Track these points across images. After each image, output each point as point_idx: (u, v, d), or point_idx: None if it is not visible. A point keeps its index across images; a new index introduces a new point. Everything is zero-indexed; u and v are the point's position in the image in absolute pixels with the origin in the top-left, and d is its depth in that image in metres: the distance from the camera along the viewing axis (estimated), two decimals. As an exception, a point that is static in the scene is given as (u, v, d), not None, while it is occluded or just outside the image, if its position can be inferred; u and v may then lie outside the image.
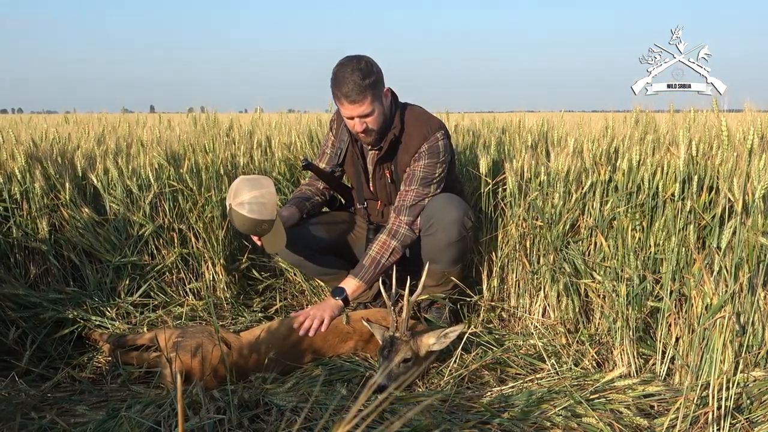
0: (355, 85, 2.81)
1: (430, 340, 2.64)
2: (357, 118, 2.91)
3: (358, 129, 2.94)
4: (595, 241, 3.11)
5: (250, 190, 2.66)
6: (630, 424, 2.15)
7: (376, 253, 2.95)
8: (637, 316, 2.68)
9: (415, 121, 3.08)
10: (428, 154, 3.03)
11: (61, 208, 3.40)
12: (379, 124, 2.97)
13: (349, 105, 2.86)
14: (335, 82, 2.86)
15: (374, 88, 2.86)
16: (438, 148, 3.04)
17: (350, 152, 3.23)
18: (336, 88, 2.86)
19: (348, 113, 2.91)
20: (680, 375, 2.54)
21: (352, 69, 2.82)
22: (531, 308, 3.33)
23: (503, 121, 5.95)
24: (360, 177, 3.26)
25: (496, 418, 2.16)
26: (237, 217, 2.71)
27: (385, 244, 2.97)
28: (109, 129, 5.34)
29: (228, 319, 3.46)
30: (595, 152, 3.30)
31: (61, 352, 2.98)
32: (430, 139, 3.03)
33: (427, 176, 3.03)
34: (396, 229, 3.00)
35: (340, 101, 2.89)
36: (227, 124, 5.61)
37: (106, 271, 3.38)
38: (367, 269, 2.92)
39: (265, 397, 2.32)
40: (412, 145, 3.04)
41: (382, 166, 3.15)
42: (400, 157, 3.09)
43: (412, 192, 3.02)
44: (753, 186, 2.30)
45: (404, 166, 3.09)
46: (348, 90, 2.82)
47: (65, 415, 2.27)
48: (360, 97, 2.83)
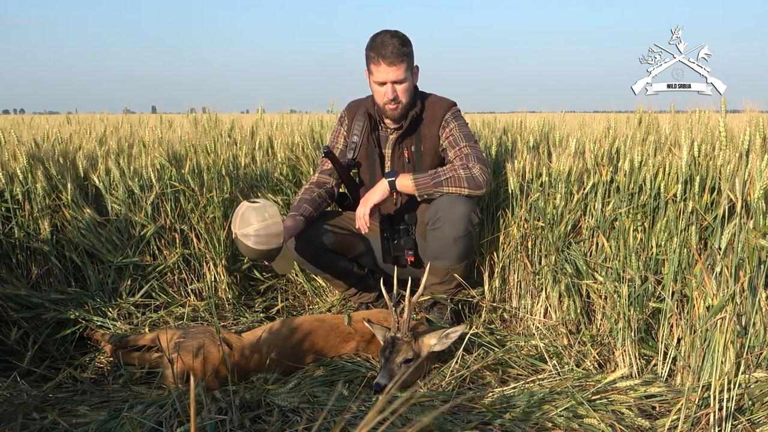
0: (394, 48, 2.93)
1: (431, 340, 2.64)
2: (390, 84, 2.99)
3: (390, 95, 3.01)
4: (596, 241, 3.11)
5: (256, 220, 2.64)
6: (632, 425, 2.15)
7: (441, 170, 2.98)
8: (638, 316, 2.68)
9: (434, 100, 3.22)
10: (454, 117, 3.15)
11: (63, 208, 3.40)
12: (407, 97, 3.07)
13: (387, 66, 2.95)
14: (373, 44, 2.97)
15: (410, 57, 3.00)
16: (459, 114, 3.19)
17: (365, 144, 3.24)
18: (374, 50, 2.96)
19: (383, 76, 2.98)
20: (682, 376, 2.54)
21: (391, 35, 2.95)
22: (532, 309, 3.33)
23: (504, 122, 5.96)
24: (375, 167, 3.26)
25: (497, 419, 2.16)
26: (243, 248, 2.72)
27: (452, 167, 2.99)
28: (110, 129, 5.35)
29: (229, 319, 3.46)
30: (597, 153, 3.31)
31: (63, 353, 2.99)
32: (451, 109, 3.17)
33: (467, 133, 3.13)
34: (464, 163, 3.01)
35: (376, 63, 2.97)
36: (229, 125, 5.62)
37: (107, 272, 3.38)
38: (424, 175, 2.96)
39: (266, 398, 2.32)
40: (436, 116, 3.15)
41: (401, 145, 3.20)
42: (425, 131, 3.17)
43: (464, 147, 3.08)
44: (754, 187, 2.30)
45: (430, 138, 3.17)
46: (387, 52, 2.92)
47: (67, 416, 2.27)
48: (398, 60, 2.94)
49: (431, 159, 3.19)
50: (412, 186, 2.94)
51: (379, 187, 2.99)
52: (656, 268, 2.80)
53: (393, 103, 3.03)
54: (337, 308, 3.66)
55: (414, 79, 3.10)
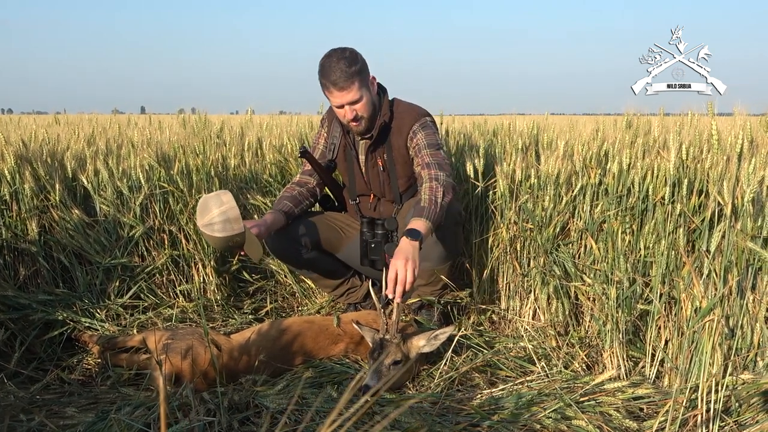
0: (342, 73, 2.89)
1: (420, 342, 2.64)
2: (347, 106, 2.97)
3: (349, 117, 3.00)
4: (585, 244, 3.12)
5: (215, 206, 2.66)
6: (619, 426, 2.16)
7: (429, 195, 2.87)
8: (626, 318, 2.68)
9: (404, 107, 3.18)
10: (421, 128, 3.11)
11: (51, 209, 3.39)
12: (368, 111, 3.03)
13: (338, 92, 2.93)
14: (322, 72, 2.94)
15: (360, 74, 2.94)
16: (429, 125, 3.14)
17: (342, 146, 3.26)
18: (324, 77, 2.94)
19: (337, 101, 2.97)
20: (669, 378, 2.55)
21: (337, 58, 2.91)
22: (521, 311, 3.34)
23: (494, 124, 5.96)
24: (353, 169, 3.27)
25: (486, 421, 2.17)
26: (210, 239, 2.74)
27: (431, 188, 2.90)
28: (99, 130, 5.33)
29: (218, 321, 3.45)
30: (586, 155, 3.32)
31: (51, 354, 2.97)
32: (419, 120, 3.12)
33: (432, 142, 3.09)
34: (434, 177, 2.95)
35: (328, 90, 2.95)
36: (218, 126, 5.61)
37: (96, 273, 3.36)
38: (429, 209, 2.82)
39: (255, 399, 2.32)
40: (403, 126, 3.12)
41: (374, 155, 3.19)
42: (393, 141, 3.15)
43: (424, 155, 3.05)
44: (742, 190, 2.31)
45: (398, 149, 3.14)
46: (336, 78, 2.89)
47: (54, 417, 2.26)
48: (348, 83, 2.90)
49: (402, 168, 3.19)
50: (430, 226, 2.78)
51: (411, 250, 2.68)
52: (644, 270, 2.82)
53: (354, 122, 3.04)
54: (326, 310, 3.66)
55: (372, 89, 3.07)
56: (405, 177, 3.20)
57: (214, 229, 2.67)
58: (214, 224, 2.66)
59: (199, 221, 2.71)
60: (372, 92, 3.06)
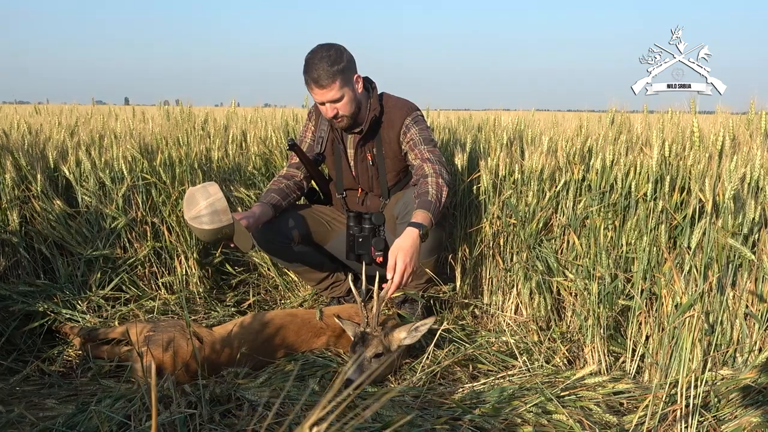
0: (324, 71, 2.90)
1: (401, 334, 2.65)
2: (328, 104, 2.99)
3: (330, 114, 3.02)
4: (567, 239, 3.13)
5: (202, 198, 2.65)
6: (599, 421, 2.17)
7: (435, 191, 2.88)
8: (608, 314, 2.70)
9: (394, 102, 3.20)
10: (414, 122, 3.13)
11: (32, 199, 3.36)
12: (350, 110, 3.04)
13: (319, 90, 2.94)
14: (306, 68, 2.95)
15: (343, 74, 2.94)
16: (421, 119, 3.17)
17: (330, 139, 3.26)
18: (306, 74, 2.95)
19: (318, 98, 2.99)
20: (650, 373, 2.57)
21: (321, 56, 2.91)
22: (503, 305, 3.35)
23: (479, 119, 5.97)
24: (340, 163, 3.28)
25: (467, 414, 2.17)
26: (199, 232, 2.73)
27: (438, 184, 2.91)
28: (81, 120, 5.28)
29: (201, 313, 3.44)
30: (569, 151, 3.33)
31: (31, 345, 2.95)
32: (411, 114, 3.14)
33: (427, 138, 3.12)
34: (439, 173, 2.96)
35: (310, 87, 2.97)
36: (202, 118, 5.58)
37: (77, 264, 3.34)
38: (434, 205, 2.84)
39: (237, 392, 2.32)
40: (395, 120, 3.13)
41: (364, 149, 3.19)
42: (384, 134, 3.15)
43: (423, 151, 3.07)
44: (723, 187, 2.33)
45: (389, 143, 3.15)
46: (317, 75, 2.90)
47: (34, 409, 2.25)
48: (328, 81, 2.91)
49: (393, 162, 3.19)
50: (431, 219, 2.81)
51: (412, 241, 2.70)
52: (626, 266, 2.83)
53: (336, 119, 3.05)
54: (309, 303, 3.66)
55: (357, 87, 3.06)
56: (394, 171, 3.21)
57: (202, 221, 2.65)
58: (202, 217, 2.65)
59: (187, 214, 2.69)
60: (356, 90, 3.05)
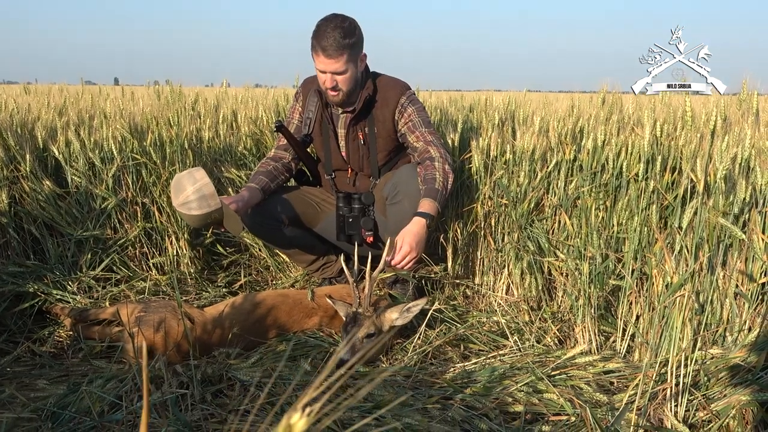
0: (334, 41, 2.87)
1: (393, 315, 2.65)
2: (329, 74, 2.96)
3: (328, 85, 2.99)
4: (559, 219, 3.13)
5: (189, 184, 2.64)
6: (590, 399, 2.18)
7: (442, 179, 2.95)
8: (598, 294, 2.71)
9: (387, 81, 3.19)
10: (410, 102, 3.13)
11: (22, 180, 3.33)
12: (349, 86, 3.02)
13: (325, 59, 2.91)
14: (316, 33, 2.91)
15: (352, 49, 2.93)
16: (416, 98, 3.18)
17: (318, 120, 3.22)
18: (315, 39, 2.91)
19: (321, 66, 2.96)
20: (640, 352, 2.58)
21: (335, 25, 2.88)
22: (495, 286, 3.36)
23: (471, 100, 5.96)
24: (329, 144, 3.25)
25: (458, 394, 2.18)
26: (188, 218, 2.72)
27: (445, 171, 2.99)
28: (71, 100, 5.24)
29: (192, 294, 3.43)
30: (561, 131, 3.32)
31: (21, 326, 2.94)
32: (406, 93, 3.14)
33: (425, 119, 3.14)
34: (445, 158, 3.02)
35: (316, 53, 2.93)
36: (192, 98, 5.54)
37: (67, 245, 3.33)
38: (441, 194, 2.92)
39: (228, 372, 2.32)
40: (390, 99, 3.12)
41: (355, 128, 3.17)
42: (378, 113, 3.14)
43: (424, 133, 3.09)
44: (715, 167, 2.33)
45: (383, 121, 3.14)
46: (327, 44, 2.88)
47: (25, 389, 2.25)
48: (337, 53, 2.89)
49: (385, 141, 3.18)
50: (438, 207, 2.89)
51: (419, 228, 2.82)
52: (617, 246, 2.84)
53: (333, 91, 3.02)
54: (300, 283, 3.66)
55: (360, 66, 3.06)
56: (385, 151, 3.19)
57: (190, 207, 2.64)
58: (191, 202, 2.64)
59: (175, 201, 2.68)
60: (359, 69, 3.05)
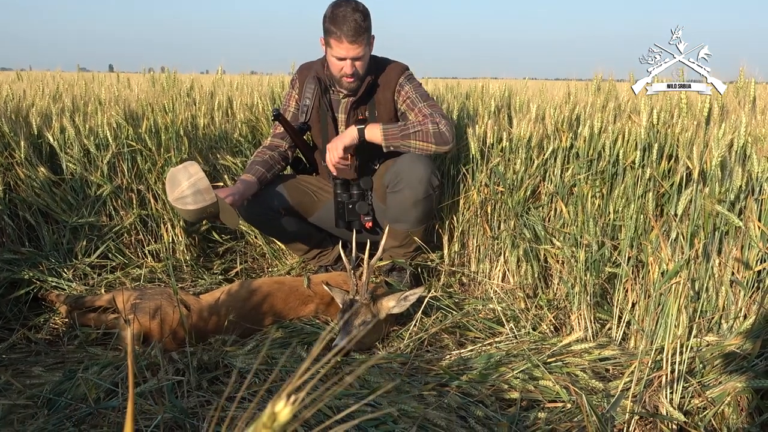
0: (355, 25, 2.83)
1: (390, 303, 2.65)
2: (350, 60, 2.92)
3: (348, 71, 2.96)
4: (555, 207, 3.13)
5: (184, 178, 2.64)
6: (586, 386, 2.19)
7: (410, 123, 2.97)
8: (594, 281, 2.71)
9: (385, 62, 3.19)
10: (408, 80, 3.15)
11: (16, 166, 3.32)
12: (364, 71, 3.02)
13: (349, 44, 2.87)
14: (334, 19, 2.85)
15: (368, 32, 2.93)
16: (413, 76, 3.19)
17: (316, 107, 3.20)
18: (335, 25, 2.85)
19: (344, 53, 2.91)
20: (635, 339, 2.58)
21: (353, 9, 2.85)
22: (491, 273, 3.36)
23: (467, 87, 5.94)
24: (327, 130, 3.23)
25: (454, 381, 2.19)
26: (181, 212, 2.73)
27: (420, 121, 2.99)
28: (65, 87, 5.21)
29: (188, 281, 3.43)
30: (557, 119, 3.32)
31: (17, 313, 2.93)
32: (404, 73, 3.15)
33: (423, 93, 3.13)
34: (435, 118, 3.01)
35: (338, 40, 2.87)
36: (188, 85, 5.52)
37: (62, 232, 3.32)
38: (393, 126, 2.94)
39: (224, 359, 2.32)
40: (390, 80, 3.13)
41: (356, 112, 3.17)
42: (380, 96, 3.14)
43: (423, 108, 3.08)
44: (711, 154, 2.33)
45: (385, 103, 3.14)
46: (348, 29, 2.83)
47: (21, 377, 2.25)
48: (360, 38, 2.86)
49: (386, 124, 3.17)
50: (380, 136, 2.92)
51: (348, 133, 2.95)
52: (613, 233, 2.84)
53: (351, 77, 2.99)
54: (296, 271, 3.65)
55: (370, 49, 3.05)
56: None
57: (186, 202, 2.64)
58: (186, 197, 2.63)
59: (170, 196, 2.68)
60: (370, 51, 3.05)
